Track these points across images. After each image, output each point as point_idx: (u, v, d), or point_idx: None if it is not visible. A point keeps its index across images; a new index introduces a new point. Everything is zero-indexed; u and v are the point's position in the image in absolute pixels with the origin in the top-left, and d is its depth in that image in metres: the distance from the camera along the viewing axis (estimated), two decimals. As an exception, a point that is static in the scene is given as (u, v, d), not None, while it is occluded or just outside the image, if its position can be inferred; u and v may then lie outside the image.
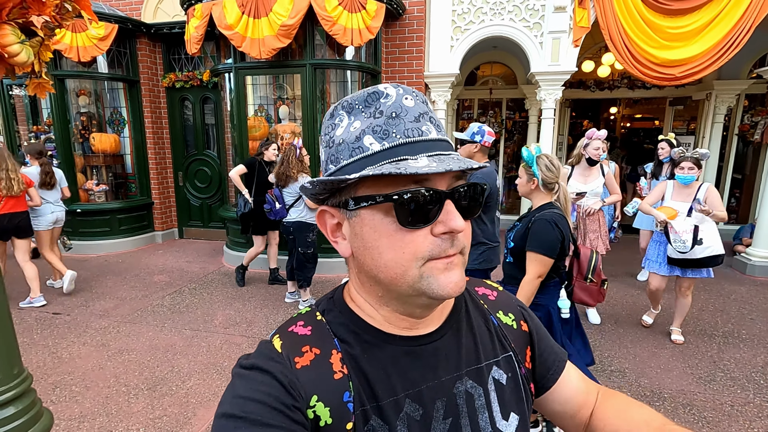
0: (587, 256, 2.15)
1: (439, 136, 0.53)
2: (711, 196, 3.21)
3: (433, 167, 0.46)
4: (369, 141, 0.51)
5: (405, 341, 0.57)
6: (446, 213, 0.50)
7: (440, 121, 0.56)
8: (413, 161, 0.48)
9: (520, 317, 0.70)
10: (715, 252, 3.16)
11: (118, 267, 5.43)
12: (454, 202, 0.51)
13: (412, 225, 0.50)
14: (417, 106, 0.53)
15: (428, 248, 0.50)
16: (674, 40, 4.69)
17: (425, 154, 0.50)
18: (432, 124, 0.53)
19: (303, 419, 0.49)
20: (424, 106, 0.54)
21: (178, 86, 6.37)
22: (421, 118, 0.52)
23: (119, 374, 2.98)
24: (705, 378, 2.95)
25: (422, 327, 0.58)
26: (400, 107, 0.51)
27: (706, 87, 6.13)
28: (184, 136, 6.69)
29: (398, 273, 0.51)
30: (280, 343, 0.55)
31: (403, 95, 0.53)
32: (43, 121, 6.30)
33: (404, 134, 0.50)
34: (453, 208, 0.50)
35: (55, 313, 4.01)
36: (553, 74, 5.17)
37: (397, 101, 0.52)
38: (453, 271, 0.52)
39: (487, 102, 7.78)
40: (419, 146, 0.50)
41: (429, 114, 0.54)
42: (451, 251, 0.51)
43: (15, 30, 1.03)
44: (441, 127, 0.54)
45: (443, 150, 0.52)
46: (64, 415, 2.54)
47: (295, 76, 5.21)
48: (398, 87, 0.54)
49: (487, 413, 0.58)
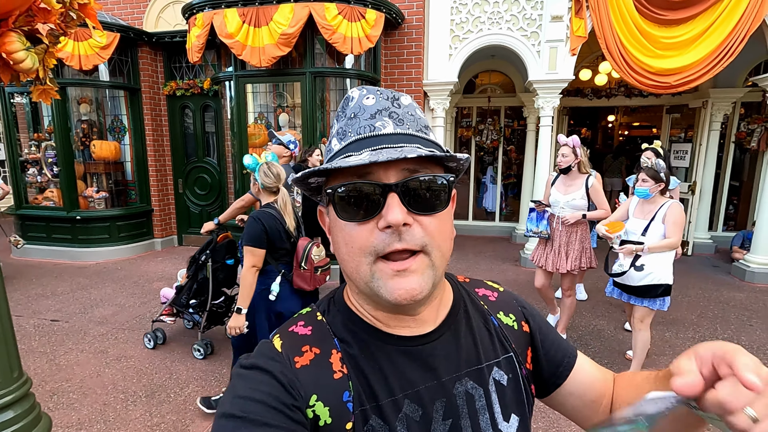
0: (303, 246, 2.43)
1: (398, 130, 0.52)
2: (668, 216, 2.74)
3: (362, 159, 0.47)
4: (334, 143, 0.55)
5: (402, 341, 0.57)
6: (387, 206, 0.49)
7: (408, 115, 0.54)
8: (355, 156, 0.50)
9: (521, 318, 0.69)
10: (654, 281, 2.74)
11: (117, 274, 5.43)
12: (402, 195, 0.50)
13: (351, 219, 0.51)
14: (377, 103, 0.53)
15: (372, 242, 0.50)
16: (668, 49, 4.76)
17: (370, 149, 0.51)
18: (392, 118, 0.53)
19: (303, 419, 0.49)
20: (386, 103, 0.53)
21: (178, 94, 6.41)
22: (377, 115, 0.53)
23: (117, 381, 2.97)
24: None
25: (419, 327, 0.58)
26: (359, 107, 0.54)
27: (703, 95, 6.18)
28: (185, 143, 6.72)
29: (353, 268, 0.53)
30: (281, 342, 0.56)
31: (365, 95, 0.54)
32: (44, 129, 6.33)
33: (357, 132, 0.53)
34: (394, 201, 0.49)
35: (54, 320, 3.99)
36: (550, 82, 5.22)
37: (358, 102, 0.54)
38: (406, 278, 0.50)
39: (486, 110, 7.83)
40: (369, 142, 0.52)
41: (390, 110, 0.53)
42: (397, 246, 0.50)
43: (21, 37, 1.05)
44: (404, 121, 0.53)
45: (397, 143, 0.51)
46: (62, 423, 2.52)
47: (295, 84, 5.25)
48: (363, 89, 0.56)
49: (488, 414, 0.58)
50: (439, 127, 5.79)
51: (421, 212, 0.51)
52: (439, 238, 0.52)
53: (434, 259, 0.52)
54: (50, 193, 6.22)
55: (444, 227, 0.54)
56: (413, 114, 0.55)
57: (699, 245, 6.46)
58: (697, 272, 5.55)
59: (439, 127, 5.78)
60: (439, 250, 0.53)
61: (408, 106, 0.55)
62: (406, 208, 0.50)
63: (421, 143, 0.53)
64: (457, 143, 8.13)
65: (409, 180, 0.50)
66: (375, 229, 0.50)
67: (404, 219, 0.49)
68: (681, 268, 5.66)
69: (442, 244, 0.53)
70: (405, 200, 0.50)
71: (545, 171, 5.54)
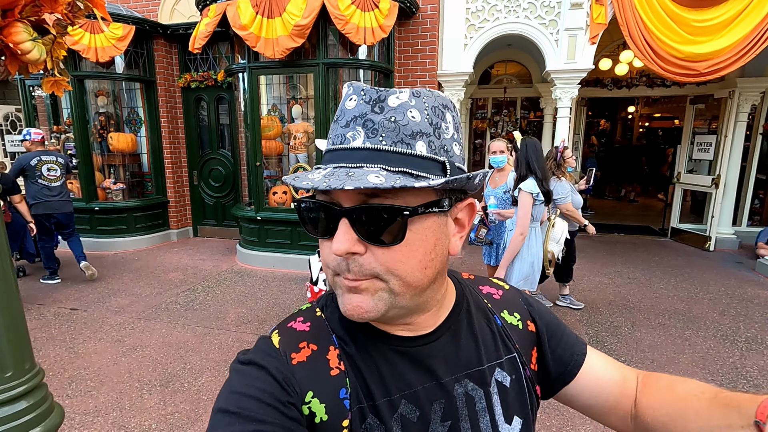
0: None
1: (366, 144, 0.47)
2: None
3: (314, 181, 0.46)
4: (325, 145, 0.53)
5: (399, 341, 0.56)
6: (337, 231, 0.47)
7: (389, 122, 0.47)
8: (317, 172, 0.49)
9: (527, 317, 0.67)
10: None
11: (134, 264, 5.52)
12: (354, 222, 0.47)
13: (314, 233, 0.52)
14: (356, 107, 0.48)
15: (332, 262, 0.50)
16: (700, 34, 4.53)
17: (333, 165, 0.49)
18: (365, 128, 0.47)
19: (298, 415, 0.49)
20: (365, 107, 0.47)
21: (193, 86, 6.45)
22: (352, 123, 0.48)
23: (133, 370, 3.03)
24: (727, 385, 2.85)
25: (418, 327, 0.56)
26: (341, 111, 0.50)
27: (729, 84, 5.94)
28: (199, 135, 6.77)
29: (326, 276, 0.53)
30: (278, 338, 0.55)
31: (350, 96, 0.49)
32: (63, 122, 6.45)
33: (332, 141, 0.50)
34: (342, 228, 0.47)
35: (73, 309, 4.09)
36: (569, 72, 5.07)
37: (342, 103, 0.51)
38: (356, 295, 0.49)
39: (501, 101, 7.70)
40: (336, 155, 0.49)
41: (366, 117, 0.47)
42: (348, 275, 0.48)
43: (27, 28, 1.04)
44: (378, 132, 0.47)
45: (360, 161, 0.47)
46: (79, 410, 2.58)
47: (308, 76, 5.22)
48: (351, 86, 0.50)
49: (489, 416, 0.57)
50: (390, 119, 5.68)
51: (373, 242, 0.47)
52: (397, 268, 0.48)
53: (392, 286, 0.49)
54: (69, 184, 6.34)
55: (408, 256, 0.48)
56: (397, 119, 0.47)
57: (722, 240, 6.26)
58: (720, 268, 5.38)
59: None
60: (398, 279, 0.49)
61: (395, 109, 0.47)
62: (358, 236, 0.47)
63: (393, 161, 0.46)
64: (471, 135, 8.02)
65: (359, 207, 0.47)
66: None
67: (349, 248, 0.47)
68: (702, 264, 5.51)
69: (403, 273, 0.48)
70: (357, 227, 0.47)
71: (562, 163, 5.42)
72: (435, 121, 0.49)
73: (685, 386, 0.58)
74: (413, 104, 0.48)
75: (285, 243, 5.33)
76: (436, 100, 0.50)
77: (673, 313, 4.01)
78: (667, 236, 7.03)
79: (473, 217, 0.57)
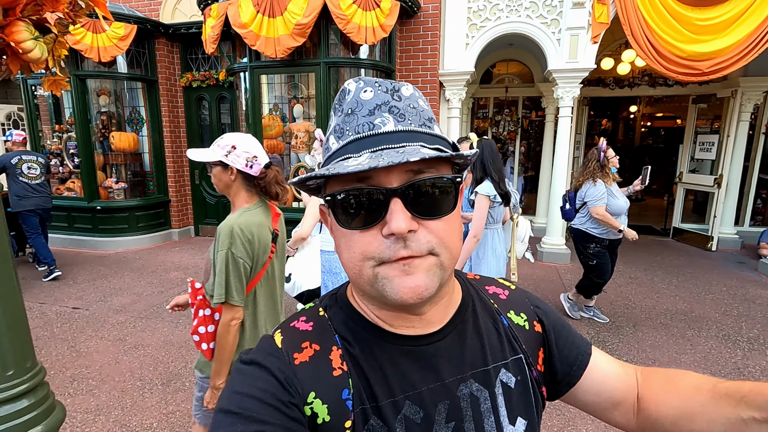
0: None
1: (398, 127, 0.49)
2: None
3: (361, 164, 0.44)
4: (332, 141, 0.52)
5: (404, 340, 0.55)
6: (390, 212, 0.47)
7: (410, 108, 0.50)
8: (354, 159, 0.47)
9: (533, 317, 0.67)
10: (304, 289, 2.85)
11: (135, 263, 5.53)
12: (406, 200, 0.47)
13: (352, 226, 0.49)
14: (376, 97, 0.50)
15: (376, 250, 0.48)
16: (703, 32, 4.51)
17: (369, 150, 0.48)
18: (392, 114, 0.49)
19: (300, 416, 0.48)
20: (385, 96, 0.50)
21: (194, 85, 6.46)
22: (376, 111, 0.49)
23: (134, 369, 3.03)
24: (728, 385, 2.84)
25: (423, 326, 0.56)
26: (356, 102, 0.50)
27: (732, 84, 5.92)
28: (201, 134, 6.78)
29: (355, 273, 0.51)
30: (281, 338, 0.55)
31: (363, 88, 0.51)
32: (65, 121, 6.46)
33: (355, 130, 0.50)
34: (397, 207, 0.47)
35: (75, 308, 4.10)
36: (571, 72, 5.06)
37: (355, 96, 0.51)
38: (411, 276, 0.48)
39: (503, 100, 7.68)
40: (368, 141, 0.49)
41: (390, 104, 0.50)
42: (402, 253, 0.47)
43: (29, 26, 1.04)
44: (406, 116, 0.50)
45: (398, 142, 0.48)
46: (81, 408, 2.59)
47: (309, 75, 5.22)
48: (360, 80, 0.52)
49: (493, 417, 0.56)
50: (455, 118, 5.69)
51: (428, 216, 0.49)
52: (447, 240, 0.50)
53: (443, 260, 0.50)
54: (72, 183, 6.36)
55: (452, 227, 0.51)
56: (415, 106, 0.51)
57: (724, 240, 6.24)
58: (722, 268, 5.37)
59: (455, 118, 5.68)
60: (448, 251, 0.50)
61: (410, 98, 0.51)
62: (411, 214, 0.48)
63: (424, 140, 0.50)
64: (473, 135, 8.01)
65: (413, 183, 0.48)
66: (378, 236, 0.48)
67: (408, 226, 0.47)
68: (704, 264, 5.50)
69: (451, 245, 0.51)
70: (409, 205, 0.47)
71: (564, 163, 5.41)
72: (431, 112, 0.55)
73: (685, 379, 0.60)
74: (417, 95, 0.53)
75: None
76: (421, 95, 0.55)
77: (675, 313, 4.00)
78: (669, 236, 7.02)
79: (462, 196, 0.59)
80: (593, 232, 3.55)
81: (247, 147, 1.54)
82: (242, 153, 1.53)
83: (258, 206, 1.61)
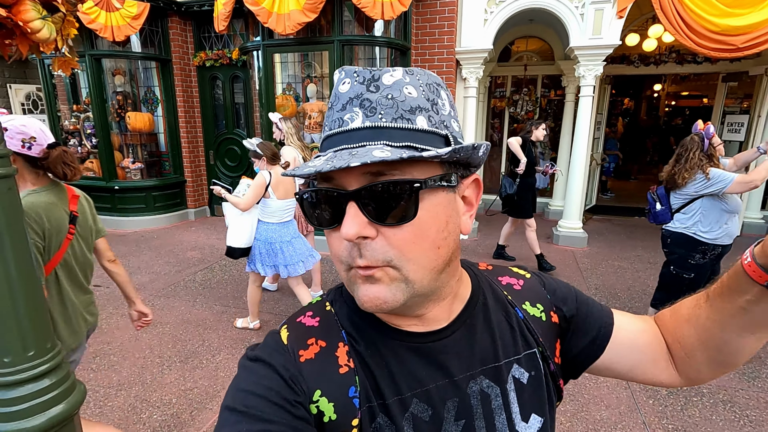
0: None
1: (365, 123, 0.45)
2: None
3: (316, 166, 0.43)
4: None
5: (410, 337, 0.54)
6: (345, 216, 0.45)
7: (386, 99, 0.45)
8: (317, 159, 0.47)
9: (550, 307, 0.64)
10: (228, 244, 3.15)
11: (153, 242, 5.64)
12: (362, 204, 0.45)
13: (320, 225, 0.49)
14: (350, 89, 0.47)
15: (342, 253, 0.48)
16: (738, 5, 4.24)
17: (333, 149, 0.47)
18: (363, 108, 0.46)
19: (306, 414, 0.48)
20: (359, 88, 0.46)
21: (208, 65, 6.41)
22: (348, 105, 0.47)
23: (153, 346, 3.11)
24: (749, 375, 2.78)
25: (430, 323, 0.55)
26: (335, 96, 0.49)
27: (766, 61, 5.61)
28: (215, 114, 6.77)
29: (339, 272, 0.51)
30: (287, 334, 0.54)
31: (342, 80, 0.49)
32: (82, 101, 6.52)
33: (329, 127, 0.49)
34: (350, 212, 0.45)
35: (96, 286, 4.20)
36: (594, 48, 4.86)
37: (335, 89, 0.49)
38: (373, 286, 0.47)
39: (521, 79, 7.45)
40: (336, 139, 0.47)
41: (362, 96, 0.46)
42: (359, 261, 0.46)
43: (36, 5, 1.02)
44: (377, 110, 0.45)
45: (358, 141, 0.45)
46: (104, 383, 2.68)
47: (323, 54, 5.12)
48: (342, 71, 0.49)
49: (505, 414, 0.55)
50: (472, 98, 5.54)
51: (386, 223, 0.45)
52: (410, 252, 0.46)
53: (407, 274, 0.47)
54: (90, 163, 6.45)
55: (420, 237, 0.46)
56: (393, 96, 0.46)
57: (749, 225, 6.04)
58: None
59: (471, 98, 5.53)
60: (412, 263, 0.47)
61: (391, 86, 0.46)
62: (368, 219, 0.45)
63: (393, 136, 0.45)
64: (489, 114, 7.82)
65: (367, 187, 0.44)
66: (342, 238, 0.47)
67: (359, 232, 0.45)
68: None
69: (418, 257, 0.47)
70: (366, 210, 0.45)
71: (584, 144, 5.25)
72: (431, 97, 0.49)
73: (684, 305, 0.62)
74: (408, 81, 0.47)
75: (300, 223, 5.36)
76: (429, 78, 0.50)
77: (695, 300, 3.91)
78: (690, 220, 6.82)
79: (480, 195, 0.55)
80: (704, 237, 2.86)
81: (22, 128, 1.50)
82: (15, 135, 1.48)
83: (48, 188, 1.61)
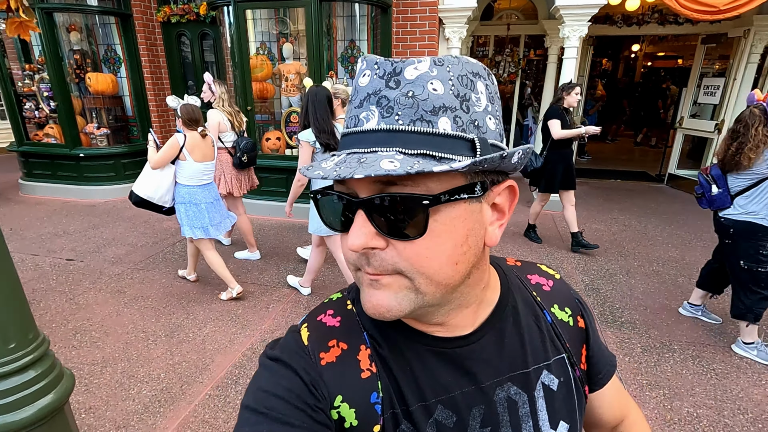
0: None
1: (380, 125, 0.41)
2: None
3: (325, 170, 0.41)
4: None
5: (435, 341, 0.51)
6: (353, 224, 0.43)
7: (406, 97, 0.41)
8: (330, 159, 0.44)
9: (578, 312, 0.63)
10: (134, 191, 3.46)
11: (126, 213, 5.42)
12: (371, 214, 0.42)
13: (333, 227, 0.47)
14: (370, 84, 0.43)
15: (351, 256, 0.45)
16: (721, -33, 4.20)
17: (347, 151, 0.44)
18: (379, 106, 0.42)
19: (326, 420, 0.47)
20: (379, 83, 0.42)
21: (173, 21, 5.95)
22: (365, 102, 0.43)
23: (136, 321, 3.05)
24: (716, 331, 2.97)
25: (454, 329, 0.52)
26: (354, 89, 0.45)
27: (745, 23, 5.62)
28: (184, 75, 6.37)
29: (350, 271, 0.49)
30: (308, 334, 0.52)
31: (363, 71, 0.44)
32: (35, 60, 5.99)
33: (347, 123, 0.45)
34: (358, 221, 0.42)
35: (69, 260, 4.04)
36: (580, 8, 4.74)
37: (356, 80, 0.45)
38: (378, 291, 0.44)
39: (504, 38, 7.27)
40: (351, 139, 0.44)
41: (381, 93, 0.42)
42: (368, 269, 0.44)
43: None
44: (394, 109, 0.41)
45: (370, 145, 0.42)
46: (87, 360, 2.62)
47: (298, 11, 4.81)
48: (364, 60, 0.44)
49: (532, 422, 0.54)
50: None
51: (392, 236, 0.42)
52: (423, 266, 0.43)
53: (419, 286, 0.44)
54: (50, 129, 6.03)
55: (434, 251, 0.42)
56: (416, 93, 0.41)
57: (717, 187, 6.27)
58: (714, 215, 5.44)
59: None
60: (425, 278, 0.43)
61: (413, 82, 0.41)
62: (377, 230, 0.42)
63: (412, 142, 0.40)
64: (471, 76, 7.67)
65: (376, 197, 0.41)
66: None
67: (365, 243, 0.42)
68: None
69: (432, 272, 0.43)
70: (374, 220, 0.42)
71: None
72: (462, 92, 0.43)
73: None
74: (435, 74, 0.42)
75: (280, 191, 5.23)
76: (463, 68, 0.43)
77: (667, 261, 4.09)
78: (663, 182, 7.04)
79: (515, 202, 0.49)
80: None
81: None
82: None
83: None
